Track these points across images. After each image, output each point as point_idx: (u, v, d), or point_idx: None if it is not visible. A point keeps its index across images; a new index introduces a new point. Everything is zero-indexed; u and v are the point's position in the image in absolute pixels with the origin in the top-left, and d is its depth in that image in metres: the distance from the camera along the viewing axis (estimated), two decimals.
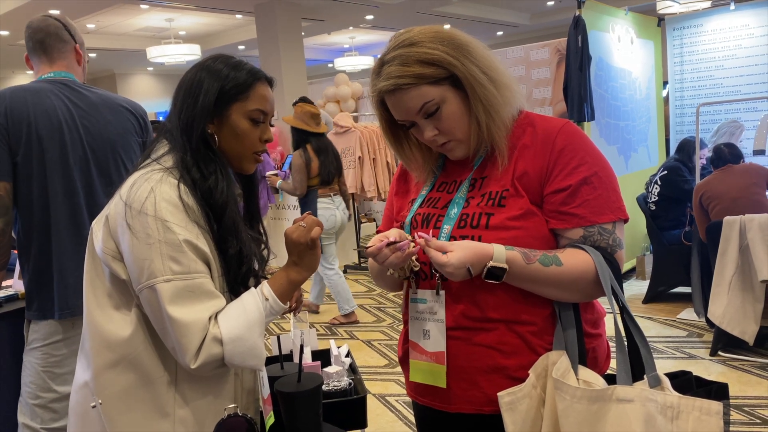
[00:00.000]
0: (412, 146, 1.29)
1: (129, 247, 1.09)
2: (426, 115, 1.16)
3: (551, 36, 7.38)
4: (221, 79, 1.18)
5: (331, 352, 1.67)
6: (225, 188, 1.15)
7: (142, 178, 1.13)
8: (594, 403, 1.04)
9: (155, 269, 1.06)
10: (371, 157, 6.02)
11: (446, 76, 1.14)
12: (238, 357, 1.10)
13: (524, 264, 1.11)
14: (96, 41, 11.27)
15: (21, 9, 8.08)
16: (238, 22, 10.76)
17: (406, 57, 1.14)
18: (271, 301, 1.15)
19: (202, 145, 1.17)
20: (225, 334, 1.09)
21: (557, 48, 6.04)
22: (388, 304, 5.11)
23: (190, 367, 1.07)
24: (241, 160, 1.24)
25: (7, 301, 2.01)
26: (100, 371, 1.15)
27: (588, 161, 1.16)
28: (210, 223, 1.13)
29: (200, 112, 1.17)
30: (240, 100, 1.19)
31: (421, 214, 1.25)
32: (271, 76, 1.27)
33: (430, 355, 1.20)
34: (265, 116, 1.23)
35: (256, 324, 1.12)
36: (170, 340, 1.09)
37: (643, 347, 1.09)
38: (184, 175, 1.14)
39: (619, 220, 1.17)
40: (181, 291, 1.07)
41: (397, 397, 3.35)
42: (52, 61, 1.96)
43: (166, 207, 1.08)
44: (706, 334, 3.89)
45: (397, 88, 1.14)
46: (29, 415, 1.86)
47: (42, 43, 1.95)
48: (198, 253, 1.10)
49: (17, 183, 1.81)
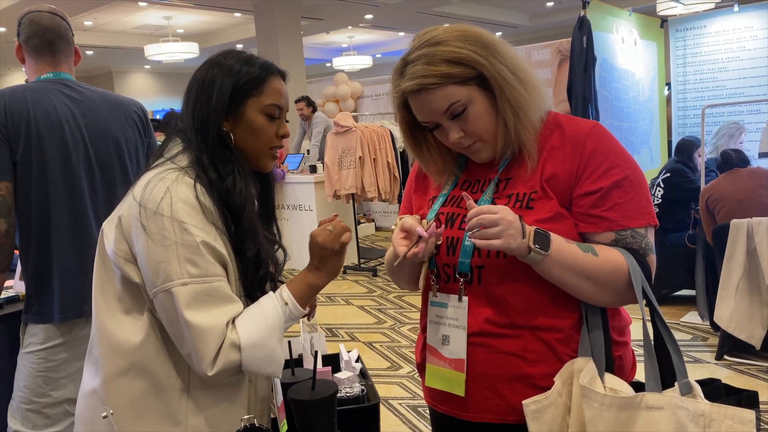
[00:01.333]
0: (431, 149, 1.25)
1: (144, 249, 1.04)
2: (452, 116, 1.13)
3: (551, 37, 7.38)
4: (234, 74, 1.14)
5: (341, 356, 1.63)
6: (243, 188, 1.12)
7: (156, 177, 1.09)
8: (623, 411, 1.02)
9: (172, 272, 1.02)
10: (372, 157, 5.97)
11: (474, 75, 1.11)
12: (255, 363, 1.07)
13: (564, 242, 1.08)
14: (93, 39, 11.20)
15: (18, 5, 8.01)
16: (236, 21, 10.72)
17: (432, 56, 1.10)
18: (290, 306, 1.12)
19: (218, 144, 1.13)
20: (244, 340, 1.05)
21: (558, 48, 6.03)
22: (388, 306, 5.07)
23: (207, 374, 1.03)
24: (258, 157, 1.20)
25: (8, 303, 1.96)
26: (109, 378, 1.11)
27: (620, 164, 1.13)
28: (227, 225, 1.10)
29: (215, 110, 1.13)
30: (254, 95, 1.16)
31: (445, 213, 1.22)
32: (284, 70, 1.23)
33: (448, 361, 1.17)
34: (281, 111, 1.20)
35: (275, 330, 1.09)
36: (186, 346, 1.05)
37: (674, 354, 1.07)
38: (201, 175, 1.10)
39: (649, 225, 1.14)
40: (199, 295, 1.03)
41: (400, 400, 3.31)
42: (56, 63, 1.92)
43: (183, 207, 1.04)
44: (711, 337, 3.87)
45: (423, 88, 1.10)
46: (20, 419, 1.81)
47: (52, 45, 1.90)
48: (215, 255, 1.06)
49: (16, 182, 1.77)
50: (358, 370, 1.59)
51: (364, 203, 8.44)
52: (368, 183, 5.94)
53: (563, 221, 1.13)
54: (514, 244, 1.03)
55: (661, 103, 5.89)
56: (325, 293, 5.57)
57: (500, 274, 1.13)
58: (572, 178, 1.13)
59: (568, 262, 1.08)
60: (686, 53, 5.75)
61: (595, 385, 1.05)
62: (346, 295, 5.48)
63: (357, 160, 5.92)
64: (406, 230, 1.14)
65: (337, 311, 5.04)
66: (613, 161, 1.13)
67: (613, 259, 1.10)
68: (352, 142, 5.94)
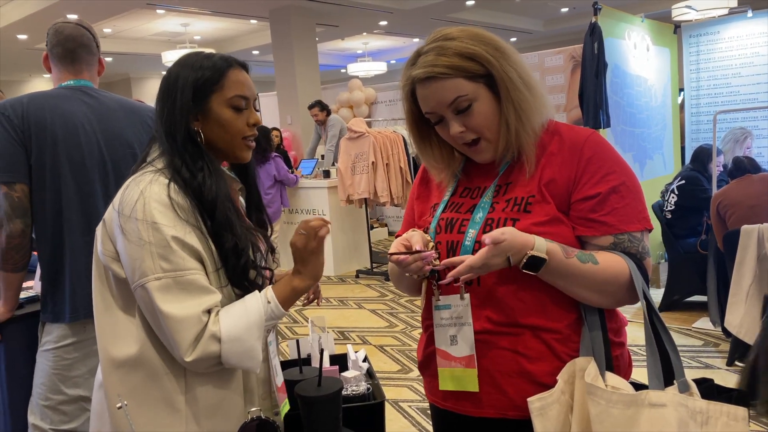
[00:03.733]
0: (433, 146, 1.29)
1: (123, 249, 1.11)
2: (456, 110, 1.16)
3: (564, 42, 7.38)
4: (194, 72, 1.19)
5: (349, 356, 1.67)
6: (213, 185, 1.16)
7: (134, 181, 1.16)
8: (629, 408, 1.04)
9: (146, 268, 1.08)
10: (384, 162, 6.02)
11: (483, 73, 1.14)
12: (234, 357, 1.11)
13: (563, 257, 1.11)
14: (112, 45, 11.38)
15: (40, 13, 8.18)
16: (252, 27, 10.83)
17: (445, 48, 1.14)
18: (272, 305, 1.16)
19: (188, 144, 1.18)
20: (224, 332, 1.10)
21: (572, 54, 6.04)
22: (400, 310, 5.10)
23: (185, 360, 1.08)
24: (232, 149, 1.24)
25: (28, 302, 2.03)
26: (108, 372, 1.17)
27: (616, 170, 1.17)
28: (204, 220, 1.14)
29: (180, 111, 1.18)
30: (216, 90, 1.19)
31: (445, 219, 1.25)
32: (244, 61, 1.27)
33: (459, 360, 1.19)
34: (247, 101, 1.23)
35: (255, 327, 1.13)
36: (165, 336, 1.11)
37: (672, 353, 1.10)
38: (175, 175, 1.15)
39: (645, 229, 1.18)
40: (172, 288, 1.08)
41: (410, 402, 3.34)
42: (78, 72, 1.99)
43: (156, 207, 1.10)
44: (723, 343, 3.85)
45: (432, 77, 1.14)
46: (39, 415, 1.87)
47: (73, 53, 1.97)
48: (188, 249, 1.11)
49: (32, 185, 1.83)
50: (364, 370, 1.63)
51: (377, 208, 8.49)
52: (381, 188, 5.99)
53: (560, 225, 1.16)
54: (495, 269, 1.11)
55: (674, 108, 5.88)
56: (337, 297, 5.62)
57: (499, 275, 1.16)
58: (570, 183, 1.16)
59: (566, 273, 1.12)
60: (699, 59, 5.73)
61: (598, 383, 1.08)
62: (358, 299, 5.52)
63: (370, 165, 5.96)
64: (408, 240, 1.18)
65: (349, 315, 5.08)
66: (610, 167, 1.16)
67: (613, 265, 1.13)
68: (365, 147, 5.99)
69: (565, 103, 6.09)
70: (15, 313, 1.94)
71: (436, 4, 9.28)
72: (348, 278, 6.33)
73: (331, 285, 6.12)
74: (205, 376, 1.16)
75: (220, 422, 1.18)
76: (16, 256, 1.82)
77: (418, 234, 1.21)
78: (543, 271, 1.10)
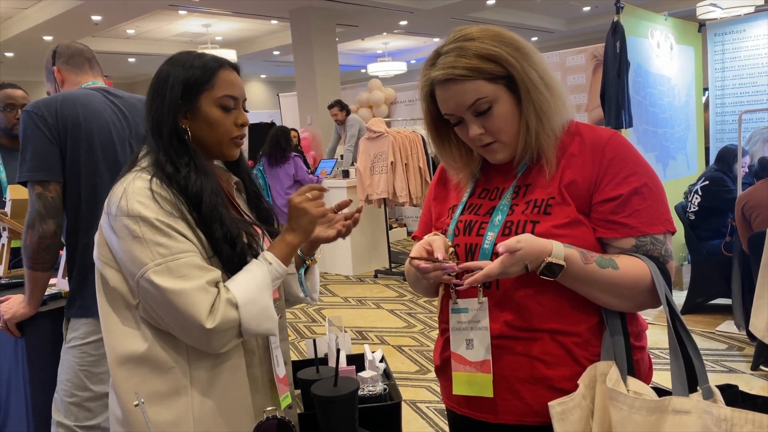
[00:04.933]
0: (452, 145, 1.28)
1: (117, 248, 1.13)
2: (476, 112, 1.15)
3: (586, 42, 7.30)
4: (183, 73, 1.20)
5: (366, 356, 1.67)
6: (198, 179, 1.17)
7: (119, 182, 1.18)
8: (652, 414, 1.02)
9: (144, 258, 1.10)
10: (403, 162, 6.01)
11: (503, 75, 1.13)
12: (254, 320, 1.13)
13: (582, 263, 1.09)
14: (135, 46, 11.53)
15: (65, 15, 8.31)
16: (273, 28, 10.90)
17: (466, 49, 1.13)
18: (275, 265, 1.20)
19: (174, 140, 1.19)
20: (239, 297, 1.12)
21: (593, 54, 5.97)
22: (418, 310, 5.09)
23: (206, 326, 1.09)
24: (220, 148, 1.25)
25: (51, 299, 2.05)
26: (115, 369, 1.19)
27: (638, 172, 1.15)
28: (190, 212, 1.16)
29: (168, 109, 1.19)
30: (206, 89, 1.21)
31: (463, 221, 1.24)
32: (235, 62, 1.28)
33: (474, 365, 1.18)
34: (236, 101, 1.24)
35: (265, 287, 1.16)
36: (180, 317, 1.10)
37: (696, 359, 1.07)
38: (158, 172, 1.17)
39: (668, 232, 1.16)
40: (173, 270, 1.10)
41: (428, 403, 3.33)
42: (95, 75, 2.10)
43: (138, 199, 1.12)
44: (747, 347, 3.78)
45: (452, 79, 1.12)
46: (64, 412, 1.89)
47: (90, 61, 2.11)
48: (179, 233, 1.13)
49: (66, 183, 1.87)
50: (381, 370, 1.62)
51: (396, 208, 8.48)
52: (400, 188, 5.98)
53: (580, 227, 1.14)
54: (513, 276, 1.10)
55: (698, 108, 5.79)
56: (355, 296, 5.63)
57: (518, 279, 1.14)
58: (592, 184, 1.15)
59: (585, 279, 1.10)
60: (725, 57, 5.63)
61: (620, 388, 1.06)
62: (376, 299, 5.52)
63: (389, 165, 5.96)
64: (430, 245, 1.16)
65: (368, 315, 5.08)
66: (631, 169, 1.15)
67: (634, 269, 1.11)
68: (384, 147, 5.99)
69: (586, 103, 6.02)
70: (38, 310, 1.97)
71: (457, 4, 9.25)
72: (366, 278, 6.34)
73: (350, 285, 6.13)
74: (210, 366, 1.18)
75: (227, 412, 1.19)
76: (47, 256, 1.85)
77: (441, 239, 1.19)
78: (562, 277, 1.09)
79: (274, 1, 8.38)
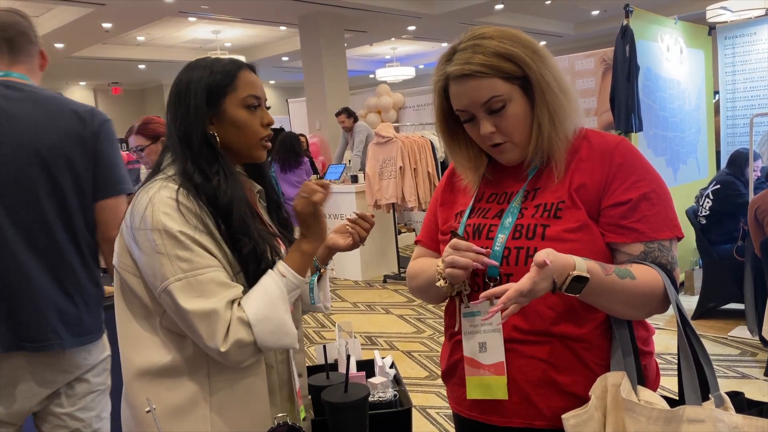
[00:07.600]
0: (461, 145, 1.27)
1: (139, 258, 1.12)
2: (489, 110, 1.14)
3: (595, 46, 7.29)
4: (205, 77, 1.19)
5: (376, 362, 1.66)
6: (228, 189, 1.15)
7: (143, 190, 1.15)
8: (668, 424, 1.02)
9: (165, 272, 1.09)
10: (412, 167, 6.01)
11: (519, 75, 1.13)
12: (269, 337, 1.11)
13: (603, 275, 1.06)
14: (145, 53, 11.61)
15: (75, 23, 8.39)
16: (282, 34, 10.95)
17: (483, 47, 1.12)
18: (289, 277, 1.16)
19: (204, 148, 1.18)
20: (251, 315, 1.10)
21: (602, 58, 5.95)
22: (428, 315, 5.08)
23: (221, 350, 1.08)
24: (249, 150, 1.24)
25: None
26: (129, 380, 1.18)
27: (646, 178, 1.15)
28: (218, 225, 1.14)
29: (195, 115, 1.18)
30: (230, 92, 1.20)
31: (472, 224, 1.23)
32: (252, 63, 1.28)
33: (488, 368, 1.17)
34: (259, 100, 1.24)
35: (279, 301, 1.13)
36: (196, 335, 1.10)
37: (707, 366, 1.07)
38: (185, 182, 1.15)
39: (675, 238, 1.15)
40: (194, 286, 1.08)
41: (438, 409, 3.31)
42: (14, 62, 1.68)
43: (164, 210, 1.10)
44: (760, 353, 3.74)
45: (468, 74, 1.12)
46: None
47: (11, 41, 1.66)
48: (202, 247, 1.11)
49: None
50: (391, 376, 1.62)
51: (405, 213, 8.47)
52: (408, 192, 5.98)
53: (590, 231, 1.14)
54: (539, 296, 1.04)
55: (708, 112, 5.76)
56: (364, 302, 5.62)
57: None
58: (600, 188, 1.15)
59: (606, 291, 1.07)
60: (735, 61, 5.60)
61: (632, 398, 1.06)
62: (385, 304, 5.51)
63: (397, 170, 5.96)
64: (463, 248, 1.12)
65: (377, 320, 5.07)
66: (640, 174, 1.15)
67: (649, 279, 1.10)
68: (393, 152, 6.00)
69: (595, 107, 6.01)
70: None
71: (465, 9, 9.26)
72: (375, 283, 6.33)
73: (359, 290, 6.13)
74: (228, 378, 1.16)
75: (245, 424, 1.18)
76: None
77: (464, 245, 1.16)
78: (585, 292, 1.05)
79: (283, 8, 8.42)
